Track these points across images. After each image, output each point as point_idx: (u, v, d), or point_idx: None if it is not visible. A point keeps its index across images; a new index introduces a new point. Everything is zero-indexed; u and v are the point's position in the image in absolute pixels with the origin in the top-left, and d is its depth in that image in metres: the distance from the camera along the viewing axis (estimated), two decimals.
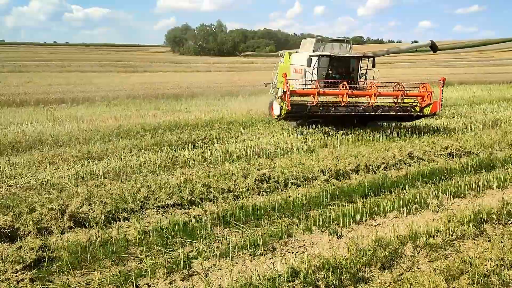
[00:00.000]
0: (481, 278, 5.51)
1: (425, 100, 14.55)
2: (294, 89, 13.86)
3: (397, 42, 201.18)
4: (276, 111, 14.49)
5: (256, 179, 9.09)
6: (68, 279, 5.46)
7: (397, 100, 14.68)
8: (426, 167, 10.53)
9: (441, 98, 14.36)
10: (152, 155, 11.39)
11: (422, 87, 14.84)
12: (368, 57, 16.75)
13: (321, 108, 14.09)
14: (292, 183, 9.23)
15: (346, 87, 14.35)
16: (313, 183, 9.39)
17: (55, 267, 5.74)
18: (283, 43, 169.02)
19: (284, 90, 13.18)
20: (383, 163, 10.64)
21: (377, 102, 14.44)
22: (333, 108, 14.19)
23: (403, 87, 14.74)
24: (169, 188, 8.46)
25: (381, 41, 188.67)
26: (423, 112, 14.74)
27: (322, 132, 14.11)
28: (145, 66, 55.96)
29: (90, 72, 42.77)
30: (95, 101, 22.08)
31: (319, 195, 8.54)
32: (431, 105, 14.48)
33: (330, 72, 16.39)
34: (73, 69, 46.29)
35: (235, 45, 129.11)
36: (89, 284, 5.38)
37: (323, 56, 16.22)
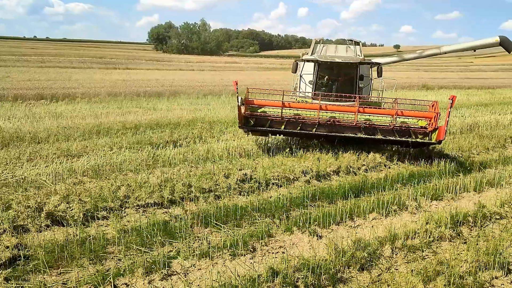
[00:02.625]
0: (456, 279, 5.62)
1: (432, 124, 11.32)
2: (251, 99, 11.90)
3: (379, 45, 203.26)
4: None
5: (237, 179, 9.08)
6: (44, 278, 5.37)
7: (392, 120, 11.57)
8: (405, 169, 10.68)
9: (446, 123, 10.69)
10: (133, 153, 11.28)
11: (431, 106, 11.54)
12: (368, 63, 13.78)
13: (286, 125, 11.70)
14: (273, 184, 9.25)
15: (337, 98, 12.25)
16: (294, 183, 9.43)
17: (31, 266, 5.63)
18: (266, 44, 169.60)
19: (242, 98, 11.43)
20: (364, 165, 10.76)
21: (370, 121, 11.67)
22: (301, 125, 11.68)
23: (397, 104, 11.82)
24: (150, 187, 8.39)
25: (363, 45, 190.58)
26: (431, 139, 11.29)
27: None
28: (127, 63, 55.34)
29: (71, 68, 42.08)
30: (75, 98, 21.75)
31: (300, 195, 8.58)
32: (436, 131, 11.10)
33: (320, 80, 13.66)
34: (53, 64, 45.45)
35: (218, 45, 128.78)
36: (66, 284, 5.30)
37: (308, 61, 13.65)
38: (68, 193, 7.78)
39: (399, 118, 11.53)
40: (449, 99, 10.55)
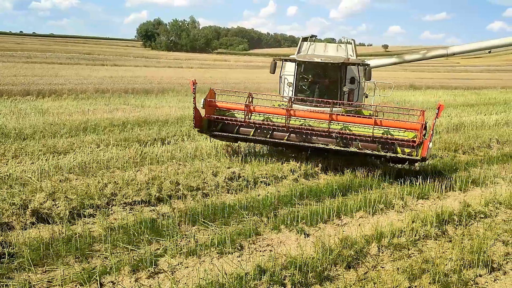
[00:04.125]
0: (441, 277, 5.69)
1: (417, 136, 9.71)
2: (214, 100, 10.80)
3: (368, 45, 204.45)
4: None
5: (225, 177, 9.08)
6: (29, 276, 5.30)
7: (372, 131, 9.97)
8: (392, 168, 10.76)
9: (431, 136, 9.19)
10: (120, 150, 11.20)
11: (420, 116, 9.87)
12: (353, 64, 11.93)
13: (255, 131, 10.66)
14: (261, 182, 9.27)
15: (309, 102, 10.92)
16: (283, 182, 9.46)
17: (15, 264, 5.56)
18: (256, 41, 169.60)
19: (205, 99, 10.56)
20: (351, 163, 10.80)
21: (346, 131, 10.18)
22: (271, 133, 10.58)
23: (377, 112, 10.51)
24: (137, 184, 8.34)
25: None
26: (417, 154, 9.70)
27: None
28: (115, 60, 54.81)
29: (58, 64, 41.59)
30: (62, 94, 21.50)
31: (288, 194, 8.61)
32: (422, 145, 9.49)
33: (302, 82, 12.36)
34: (39, 60, 44.83)
35: (207, 42, 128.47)
36: (51, 282, 5.24)
37: (286, 60, 12.32)
38: (54, 190, 7.70)
39: (380, 128, 9.96)
40: (436, 108, 9.22)
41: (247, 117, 10.62)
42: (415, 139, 9.64)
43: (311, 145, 10.28)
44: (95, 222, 6.99)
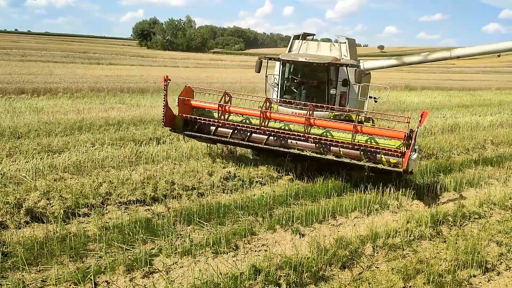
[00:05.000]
0: (436, 277, 5.72)
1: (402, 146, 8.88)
2: (187, 98, 10.24)
3: (363, 46, 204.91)
4: None
5: (221, 177, 9.08)
6: (23, 276, 5.28)
7: (352, 138, 9.07)
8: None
9: (412, 146, 8.31)
10: (115, 150, 11.16)
11: (406, 122, 8.97)
12: (342, 65, 10.87)
13: (233, 133, 10.01)
14: (257, 182, 9.26)
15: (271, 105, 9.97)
16: (278, 182, 9.46)
17: (9, 263, 5.53)
18: (252, 41, 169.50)
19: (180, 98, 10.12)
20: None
21: (326, 137, 9.34)
22: (249, 135, 9.88)
23: (359, 117, 9.39)
24: (132, 184, 8.33)
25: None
26: (397, 166, 8.81)
27: None
28: (111, 59, 54.56)
29: (53, 63, 41.35)
30: (57, 93, 21.38)
31: (283, 194, 8.61)
32: (404, 156, 8.60)
33: (289, 83, 11.65)
34: (34, 58, 44.55)
35: (203, 42, 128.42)
36: (45, 281, 5.22)
37: (270, 59, 11.45)
38: (48, 190, 7.67)
39: (365, 135, 9.13)
40: (420, 115, 8.37)
41: (222, 117, 9.88)
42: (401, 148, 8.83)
43: (287, 150, 9.54)
44: (89, 221, 6.97)
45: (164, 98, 9.79)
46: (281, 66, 11.47)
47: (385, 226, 7.23)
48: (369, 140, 9.10)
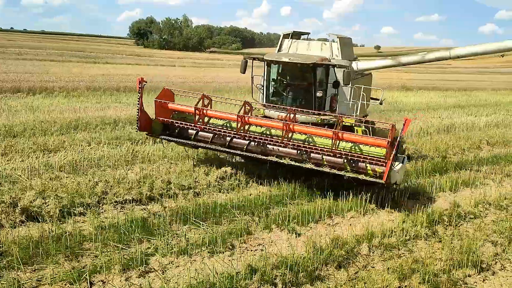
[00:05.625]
0: (431, 277, 5.74)
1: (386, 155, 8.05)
2: (164, 101, 9.68)
3: (360, 46, 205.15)
4: None
5: (217, 176, 9.07)
6: (18, 275, 5.26)
7: (333, 145, 8.29)
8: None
9: (393, 156, 7.76)
10: (112, 149, 11.13)
11: (391, 129, 8.04)
12: (328, 65, 10.24)
13: (213, 138, 9.41)
14: (253, 181, 9.26)
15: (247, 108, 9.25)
16: (275, 181, 9.45)
17: (4, 262, 5.51)
18: (249, 41, 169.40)
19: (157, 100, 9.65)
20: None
21: (307, 143, 8.72)
22: (229, 141, 9.28)
23: (341, 123, 8.60)
24: (128, 183, 8.32)
25: None
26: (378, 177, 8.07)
27: None
28: (107, 58, 54.42)
29: (49, 61, 41.18)
30: (53, 91, 21.29)
31: (280, 193, 8.61)
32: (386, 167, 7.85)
33: (276, 85, 10.97)
34: (30, 57, 44.35)
35: (200, 41, 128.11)
36: (40, 281, 5.21)
37: (255, 59, 10.78)
38: (44, 189, 7.65)
39: (347, 143, 8.45)
40: (403, 122, 7.82)
41: (200, 121, 9.36)
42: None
43: (265, 157, 8.89)
44: (85, 220, 6.96)
45: (138, 100, 9.37)
46: (265, 67, 10.78)
47: (381, 226, 7.25)
48: (353, 148, 8.43)
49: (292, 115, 8.94)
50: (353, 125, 9.75)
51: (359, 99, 10.70)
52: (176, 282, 5.37)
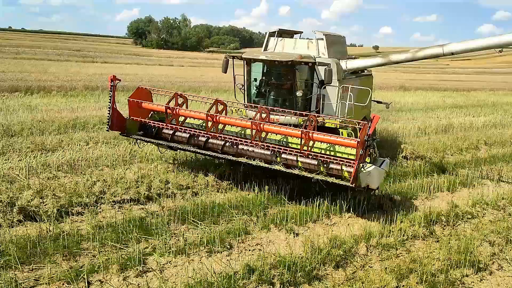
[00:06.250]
0: (429, 277, 5.75)
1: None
2: (140, 101, 9.33)
3: (358, 46, 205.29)
4: None
5: (215, 176, 9.06)
6: (16, 275, 5.25)
7: (302, 145, 7.76)
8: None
9: (362, 157, 7.21)
10: (110, 148, 11.12)
11: (362, 128, 7.25)
12: (307, 63, 9.61)
13: (189, 138, 9.03)
14: (251, 181, 9.24)
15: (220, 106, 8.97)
16: (273, 181, 9.44)
17: (2, 262, 5.50)
18: (247, 40, 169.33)
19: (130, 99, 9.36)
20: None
21: (279, 143, 8.43)
22: (206, 140, 8.88)
23: (312, 122, 7.93)
24: (126, 183, 8.31)
25: None
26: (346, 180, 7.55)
27: None
28: (105, 57, 54.37)
29: (47, 61, 41.13)
30: (51, 91, 21.25)
31: (278, 193, 8.61)
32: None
33: (255, 83, 10.49)
34: (28, 56, 44.28)
35: (199, 40, 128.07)
36: (38, 280, 5.20)
37: (234, 57, 10.37)
38: (42, 188, 7.64)
39: (321, 143, 8.03)
40: (371, 119, 7.39)
41: (172, 120, 9.04)
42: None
43: (234, 158, 8.51)
44: (83, 220, 6.95)
45: (110, 99, 9.10)
46: (245, 66, 10.31)
47: (378, 226, 7.25)
48: (328, 149, 8.02)
49: (264, 115, 8.50)
50: (338, 127, 9.03)
51: (350, 100, 10.08)
52: (174, 282, 5.37)
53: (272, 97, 10.20)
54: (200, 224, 7.02)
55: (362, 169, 7.19)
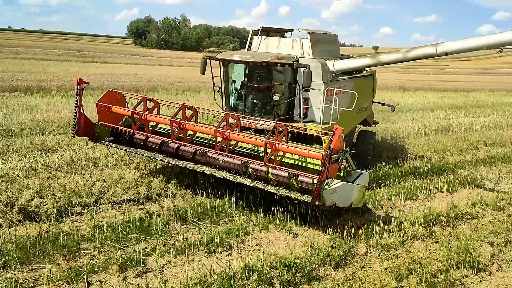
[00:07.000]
0: (428, 277, 5.75)
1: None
2: (104, 104, 8.86)
3: (358, 46, 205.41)
4: None
5: (215, 176, 9.02)
6: (15, 275, 5.25)
7: (279, 158, 7.21)
8: (381, 169, 10.83)
9: (324, 174, 6.33)
10: (109, 148, 11.09)
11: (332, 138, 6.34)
12: (284, 64, 8.67)
13: (161, 146, 8.56)
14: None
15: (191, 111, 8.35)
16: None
17: (1, 262, 5.50)
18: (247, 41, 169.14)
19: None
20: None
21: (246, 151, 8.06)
22: (178, 147, 8.38)
23: (278, 129, 7.22)
24: (126, 183, 8.31)
25: (343, 45, 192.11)
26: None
27: None
28: (105, 57, 54.33)
29: (47, 60, 41.11)
30: (50, 91, 21.25)
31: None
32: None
33: (232, 86, 9.84)
34: (28, 56, 44.25)
35: (199, 41, 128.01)
36: (38, 280, 5.20)
37: (210, 58, 9.69)
38: (41, 188, 7.64)
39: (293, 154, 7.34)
40: (332, 132, 6.39)
41: (141, 126, 8.62)
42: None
43: (197, 169, 7.93)
44: (83, 220, 6.94)
45: (76, 103, 8.72)
46: (221, 67, 9.59)
47: (378, 226, 7.25)
48: (301, 160, 7.38)
49: (233, 121, 7.83)
50: (320, 134, 7.53)
51: (336, 104, 9.12)
52: (173, 282, 5.37)
53: (250, 101, 9.48)
54: (200, 224, 7.02)
55: (327, 186, 6.41)
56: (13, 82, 22.30)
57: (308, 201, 6.55)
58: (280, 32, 10.85)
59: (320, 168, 6.42)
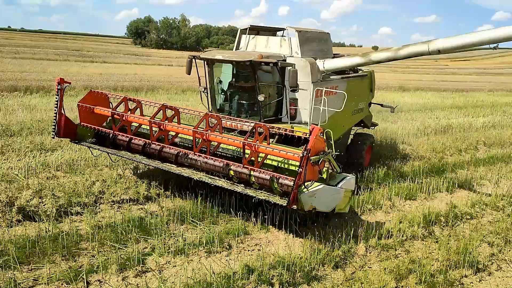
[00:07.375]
0: (428, 277, 5.75)
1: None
2: (85, 105, 8.63)
3: (358, 46, 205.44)
4: None
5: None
6: (15, 275, 5.25)
7: (260, 160, 6.86)
8: (380, 169, 10.83)
9: (303, 173, 5.99)
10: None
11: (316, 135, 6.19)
12: (268, 63, 8.39)
13: (144, 147, 8.30)
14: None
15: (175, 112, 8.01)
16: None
17: (0, 261, 5.50)
18: None
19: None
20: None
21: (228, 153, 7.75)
22: (160, 149, 8.10)
23: (257, 130, 6.85)
24: (125, 183, 8.31)
25: (342, 45, 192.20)
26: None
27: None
28: (104, 57, 54.35)
29: (46, 60, 41.09)
30: (50, 91, 21.23)
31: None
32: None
33: (217, 87, 9.57)
34: (28, 56, 44.25)
35: (198, 41, 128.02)
36: (37, 280, 5.20)
37: (195, 57, 9.41)
38: (41, 188, 7.63)
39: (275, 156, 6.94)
40: (310, 130, 6.30)
41: (122, 127, 8.46)
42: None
43: (178, 171, 7.66)
44: (82, 220, 6.94)
45: (57, 104, 8.49)
46: (205, 67, 9.31)
47: (377, 226, 7.26)
48: (283, 162, 7.07)
49: (214, 121, 7.57)
50: (307, 136, 6.59)
51: (325, 105, 8.73)
52: (173, 282, 5.37)
53: (236, 101, 9.21)
54: (199, 224, 7.02)
55: (305, 189, 6.09)
56: (12, 82, 22.27)
57: (284, 204, 6.16)
58: (271, 31, 10.51)
59: (297, 170, 6.08)
